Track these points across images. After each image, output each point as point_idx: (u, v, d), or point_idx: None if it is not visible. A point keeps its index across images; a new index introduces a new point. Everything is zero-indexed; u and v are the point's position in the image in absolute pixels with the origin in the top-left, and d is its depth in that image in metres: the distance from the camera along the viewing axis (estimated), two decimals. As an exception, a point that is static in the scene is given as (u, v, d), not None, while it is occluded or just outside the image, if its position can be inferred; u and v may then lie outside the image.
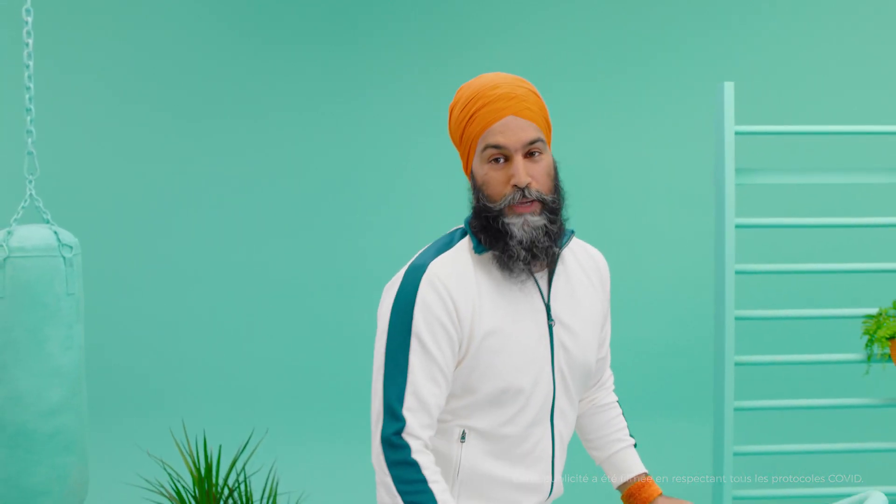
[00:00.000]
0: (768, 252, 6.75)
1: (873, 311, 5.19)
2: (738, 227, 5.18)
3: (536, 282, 2.87)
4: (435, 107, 7.10)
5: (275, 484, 5.12)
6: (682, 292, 7.12)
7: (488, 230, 2.81)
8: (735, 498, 5.24)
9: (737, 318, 5.20)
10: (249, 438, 5.34)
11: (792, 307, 6.26)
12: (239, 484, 4.96)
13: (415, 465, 2.66)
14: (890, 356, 5.11)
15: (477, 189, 2.83)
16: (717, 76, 6.64)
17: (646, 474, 3.13)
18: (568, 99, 7.22)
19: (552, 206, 2.82)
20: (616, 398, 3.23)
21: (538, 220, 2.78)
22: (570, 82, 7.26)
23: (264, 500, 4.95)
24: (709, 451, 6.78)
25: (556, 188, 2.86)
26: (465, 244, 2.85)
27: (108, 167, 7.27)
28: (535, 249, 2.78)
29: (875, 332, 5.10)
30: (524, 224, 2.77)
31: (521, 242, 2.77)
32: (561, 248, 2.89)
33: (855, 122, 6.80)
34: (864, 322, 5.20)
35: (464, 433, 2.81)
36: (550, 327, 2.87)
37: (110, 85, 7.29)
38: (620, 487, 3.17)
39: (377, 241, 7.20)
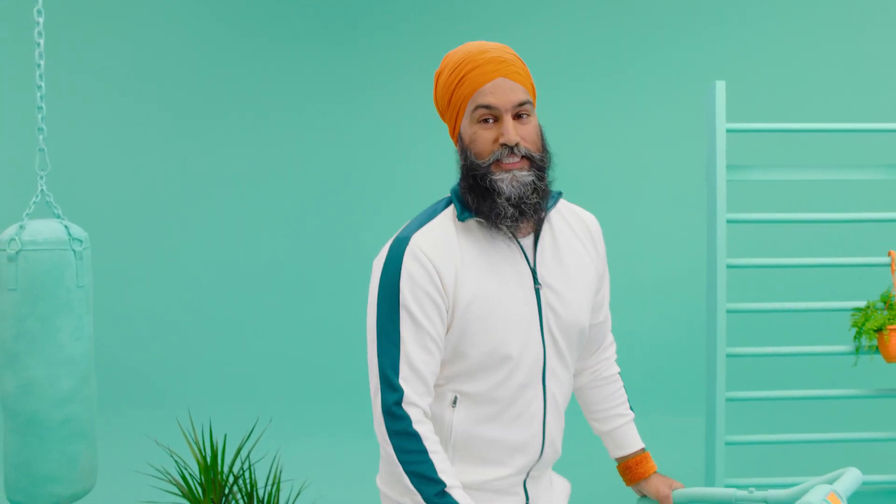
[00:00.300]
0: (759, 247, 6.77)
1: (861, 304, 5.20)
2: (729, 222, 5.16)
3: (521, 246, 2.84)
4: (432, 106, 7.17)
5: (278, 472, 4.94)
6: (675, 286, 7.13)
7: (476, 189, 2.78)
8: (727, 486, 5.17)
9: (728, 311, 5.18)
10: (253, 428, 5.24)
11: (782, 300, 6.35)
12: (243, 471, 4.86)
13: (415, 436, 2.68)
14: (877, 348, 5.11)
15: (465, 149, 2.81)
16: (709, 76, 6.68)
17: (643, 450, 3.14)
18: (564, 98, 7.26)
19: (540, 164, 2.79)
20: (618, 369, 3.20)
21: (526, 175, 2.76)
22: (566, 82, 7.28)
23: (268, 488, 4.91)
24: (701, 442, 6.87)
25: (544, 148, 2.84)
26: (449, 213, 2.83)
27: (116, 164, 7.28)
28: (523, 206, 2.76)
29: (863, 324, 5.10)
30: (512, 179, 2.75)
31: (509, 199, 2.74)
32: (547, 210, 2.87)
33: (843, 120, 6.80)
34: (852, 315, 5.20)
35: (456, 398, 2.80)
36: (537, 290, 2.85)
37: (118, 85, 7.30)
38: (618, 460, 3.18)
39: (378, 237, 7.19)
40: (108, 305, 6.66)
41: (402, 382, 2.66)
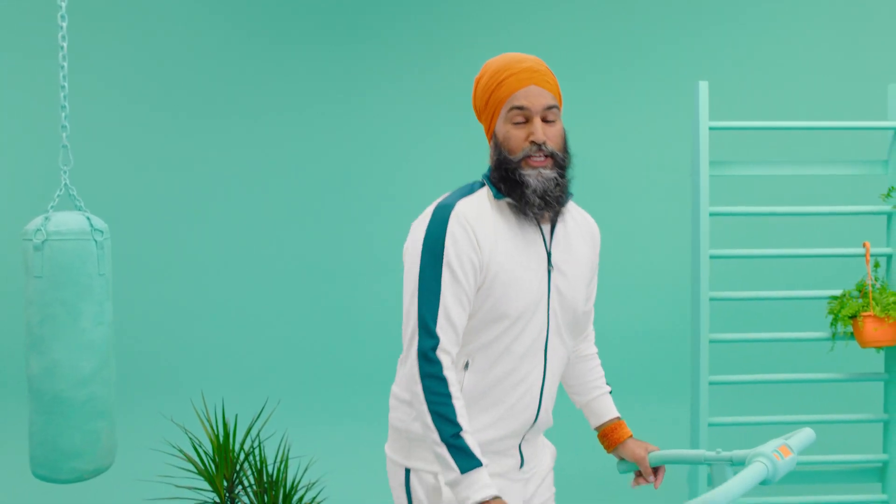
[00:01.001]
0: (740, 238, 6.78)
1: (837, 292, 5.19)
2: (711, 214, 5.19)
3: (541, 231, 3.06)
4: (432, 105, 7.24)
5: (286, 450, 5.05)
6: (661, 275, 7.12)
7: (507, 181, 3.02)
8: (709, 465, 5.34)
9: (711, 299, 5.21)
10: (262, 409, 5.33)
11: (762, 289, 6.39)
12: (254, 449, 4.94)
13: (444, 381, 2.86)
14: (852, 334, 5.13)
15: (498, 146, 3.05)
16: (693, 76, 6.70)
17: (618, 418, 3.31)
18: (565, 103, 7.34)
19: (562, 163, 3.04)
20: (596, 350, 3.42)
21: (550, 172, 3.00)
22: (560, 83, 7.34)
23: (277, 464, 4.97)
24: (686, 424, 6.83)
25: (566, 149, 3.09)
26: (485, 191, 3.05)
27: (134, 160, 7.30)
28: (547, 197, 3.00)
29: (839, 311, 5.10)
30: (538, 175, 2.99)
31: (535, 191, 2.98)
32: (564, 203, 3.10)
33: (820, 119, 6.82)
34: (828, 303, 5.20)
35: (468, 363, 2.98)
36: (549, 271, 3.06)
37: (136, 88, 7.32)
38: (597, 428, 3.35)
39: (380, 231, 7.22)
40: (127, 293, 6.71)
41: (438, 331, 2.86)
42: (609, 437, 3.33)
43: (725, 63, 7.18)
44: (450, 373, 2.88)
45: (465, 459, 2.83)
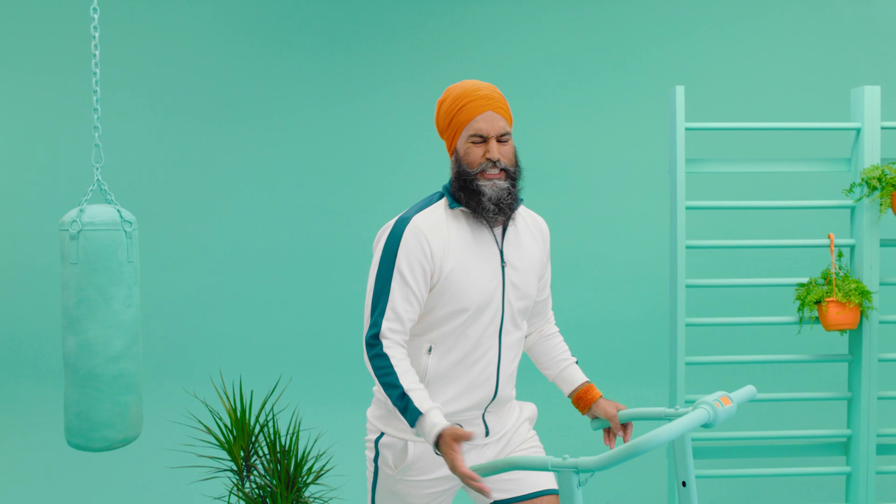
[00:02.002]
0: (714, 230, 6.79)
1: (804, 280, 5.25)
2: (688, 208, 5.25)
3: (494, 234, 3.35)
4: (426, 109, 7.19)
5: (298, 422, 5.10)
6: (641, 266, 7.14)
7: (465, 190, 3.31)
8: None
9: (687, 286, 5.26)
10: (276, 385, 5.29)
11: (735, 277, 6.42)
12: (268, 422, 4.95)
13: (385, 357, 3.14)
14: (818, 318, 5.18)
15: (459, 160, 3.33)
16: (670, 81, 6.74)
17: (588, 382, 3.54)
18: (544, 103, 7.29)
19: (513, 176, 3.34)
20: (557, 329, 3.68)
21: (503, 183, 3.30)
22: (546, 88, 7.30)
23: (289, 435, 4.94)
24: (665, 403, 6.79)
25: (516, 164, 3.37)
26: (442, 203, 3.34)
27: (159, 158, 7.34)
28: (501, 204, 3.30)
29: (805, 297, 5.15)
30: (493, 186, 3.29)
31: (490, 199, 3.28)
32: (515, 209, 3.38)
33: (788, 120, 6.81)
34: (796, 289, 5.25)
35: (430, 347, 3.27)
36: (503, 268, 3.34)
37: (161, 96, 7.36)
38: (570, 395, 3.57)
39: (378, 223, 7.17)
40: (152, 279, 6.77)
41: (384, 322, 3.14)
42: (582, 399, 3.54)
43: (701, 69, 7.18)
44: (391, 350, 3.16)
45: (411, 414, 3.08)
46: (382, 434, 3.38)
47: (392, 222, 3.31)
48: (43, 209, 7.14)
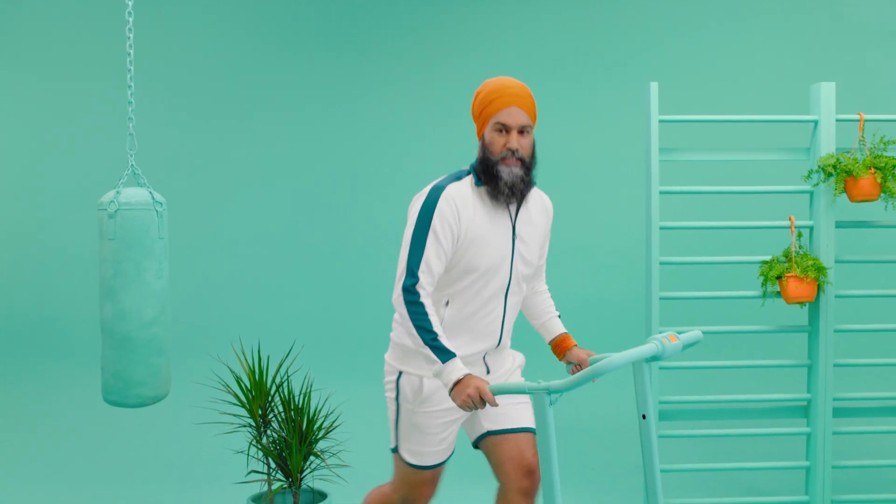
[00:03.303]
0: (686, 212, 6.78)
1: (767, 257, 5.33)
2: (661, 193, 5.32)
3: (509, 210, 3.61)
4: (429, 106, 7.29)
5: (310, 383, 5.26)
6: (620, 245, 7.16)
7: (486, 173, 3.57)
8: (661, 402, 5.36)
9: (661, 263, 5.34)
10: (290, 350, 5.40)
11: (704, 255, 6.42)
12: (283, 383, 5.09)
13: (422, 304, 3.39)
14: (779, 292, 5.27)
15: (484, 147, 3.58)
16: (646, 77, 6.70)
17: (565, 333, 3.88)
18: (538, 100, 7.22)
19: (528, 166, 3.59)
20: (546, 287, 3.97)
21: (518, 171, 3.55)
22: (536, 86, 7.03)
23: (302, 395, 5.07)
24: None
25: (533, 155, 3.61)
26: (469, 179, 3.59)
27: (187, 147, 7.37)
28: (514, 189, 3.55)
29: (768, 273, 5.25)
30: (510, 172, 3.54)
31: (506, 183, 3.54)
32: (527, 193, 3.63)
33: (754, 113, 6.85)
34: (760, 266, 5.34)
35: (447, 301, 3.54)
36: (514, 240, 3.59)
37: (189, 93, 7.39)
38: (549, 342, 3.91)
39: (387, 214, 7.22)
40: (180, 255, 6.84)
41: (420, 273, 3.39)
42: (559, 346, 3.89)
43: (675, 67, 7.20)
44: (426, 300, 3.40)
45: (443, 354, 3.37)
46: (401, 373, 3.66)
47: (427, 190, 3.58)
48: (82, 192, 7.18)
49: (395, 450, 3.80)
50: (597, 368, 3.12)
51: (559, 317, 3.98)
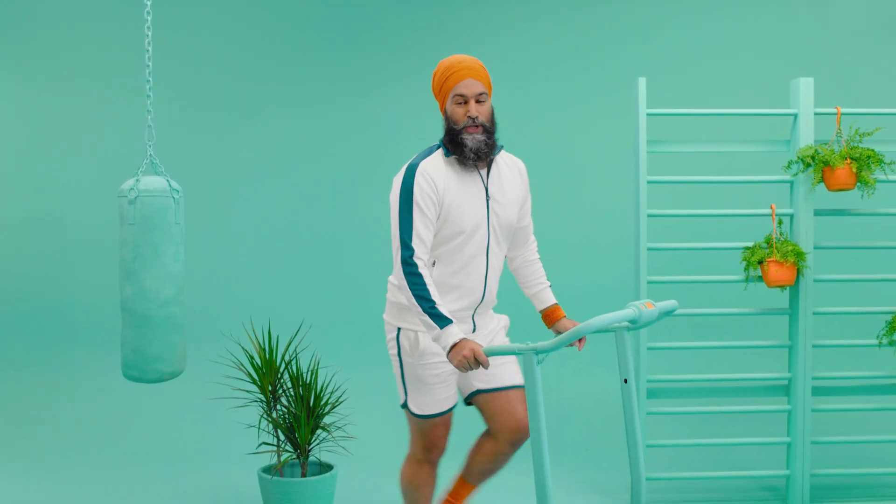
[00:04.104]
0: (673, 201, 6.82)
1: (749, 244, 5.38)
2: (649, 182, 5.38)
3: (480, 174, 3.77)
4: (425, 103, 7.01)
5: (317, 361, 5.34)
6: (610, 231, 7.16)
7: (453, 143, 3.74)
8: (650, 381, 5.42)
9: (649, 249, 5.41)
10: (298, 330, 5.49)
11: (689, 241, 6.39)
12: (292, 360, 5.17)
13: (420, 275, 3.53)
14: (761, 276, 5.31)
15: (447, 119, 3.77)
16: (634, 73, 6.73)
17: (555, 304, 4.00)
18: (529, 96, 7.32)
19: (489, 130, 3.76)
20: (538, 256, 4.08)
21: (480, 136, 3.72)
22: (533, 82, 7.34)
23: (309, 371, 5.16)
24: (632, 353, 7.11)
25: (492, 121, 3.79)
26: (439, 152, 3.76)
27: (201, 139, 7.38)
28: (479, 153, 3.72)
29: (750, 258, 5.29)
30: (473, 140, 3.71)
31: (471, 149, 3.71)
32: (494, 155, 3.80)
33: (738, 106, 6.77)
34: (742, 252, 5.37)
35: (434, 262, 3.68)
36: (487, 200, 3.74)
37: (204, 88, 7.41)
38: (540, 311, 4.03)
39: (387, 206, 7.23)
40: (195, 239, 6.88)
41: (413, 245, 3.51)
42: (549, 316, 4.00)
43: (662, 63, 7.20)
44: (423, 270, 3.54)
45: (441, 321, 3.50)
46: (399, 330, 3.81)
47: (403, 170, 3.75)
48: (104, 180, 7.18)
49: (405, 405, 3.95)
50: (580, 329, 3.28)
51: (550, 286, 4.09)
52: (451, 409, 3.95)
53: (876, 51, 7.24)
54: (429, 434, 3.96)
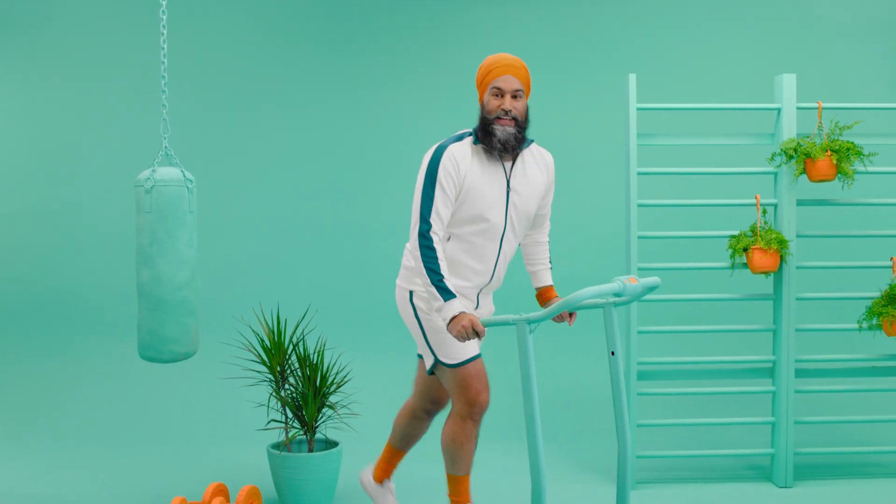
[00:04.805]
0: (661, 191, 6.81)
1: (735, 232, 5.41)
2: (639, 174, 5.40)
3: (504, 166, 3.86)
4: (430, 98, 7.28)
5: (323, 342, 5.40)
6: (602, 221, 7.15)
7: (484, 131, 3.84)
8: (640, 363, 5.44)
9: (639, 238, 5.42)
10: (305, 313, 5.52)
11: (678, 230, 6.40)
12: (299, 341, 5.18)
13: (434, 249, 3.65)
14: (746, 263, 5.33)
15: (483, 108, 3.86)
16: (625, 70, 6.73)
17: (551, 285, 4.13)
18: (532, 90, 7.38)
19: (521, 125, 3.85)
20: (547, 239, 4.20)
21: (511, 130, 3.81)
22: (531, 79, 7.35)
23: (316, 352, 5.19)
24: (622, 333, 7.11)
25: (526, 117, 3.87)
26: (469, 139, 3.85)
27: (214, 132, 7.36)
28: (507, 145, 3.81)
29: (735, 246, 5.32)
30: (503, 131, 3.80)
31: (499, 140, 3.81)
32: (521, 150, 3.89)
33: (725, 101, 6.88)
34: (728, 240, 5.40)
35: (449, 237, 3.79)
36: (508, 192, 3.82)
37: (216, 84, 7.40)
38: (536, 289, 4.15)
39: (391, 198, 7.21)
40: (207, 227, 6.89)
41: (431, 220, 3.63)
42: (543, 295, 4.13)
43: (652, 60, 7.20)
44: (437, 244, 3.65)
45: (446, 294, 3.62)
46: (412, 293, 3.95)
47: (433, 149, 3.86)
48: (122, 171, 7.19)
49: (437, 362, 4.00)
50: (568, 299, 3.43)
51: (551, 269, 4.21)
52: (479, 356, 4.01)
53: (856, 48, 7.23)
54: (468, 387, 3.96)
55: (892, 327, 5.29)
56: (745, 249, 5.29)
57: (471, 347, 3.95)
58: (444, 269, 3.70)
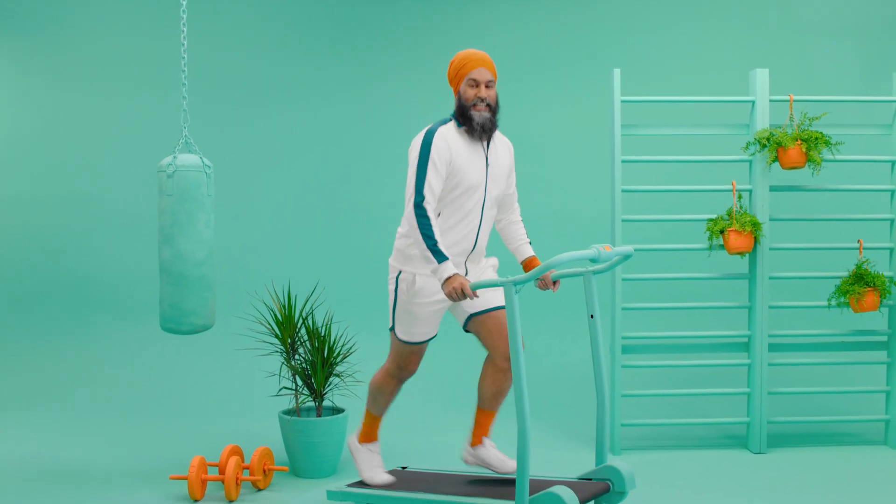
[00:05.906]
0: (645, 178, 6.77)
1: (713, 216, 5.39)
2: (623, 162, 5.39)
3: (483, 146, 4.05)
4: (430, 95, 7.24)
5: (330, 316, 5.36)
6: (588, 206, 7.10)
7: (464, 117, 4.05)
8: (624, 338, 5.41)
9: (623, 221, 5.42)
10: (314, 289, 5.43)
11: (659, 213, 6.37)
12: (308, 315, 5.15)
13: (428, 218, 3.81)
14: (722, 244, 5.32)
15: (460, 97, 4.05)
16: (610, 65, 6.75)
17: (533, 255, 4.26)
18: (520, 86, 7.27)
19: (494, 110, 4.07)
20: (521, 219, 4.35)
21: (486, 114, 4.04)
22: (520, 73, 7.29)
23: (324, 325, 5.15)
24: (606, 308, 6.81)
25: (497, 103, 4.09)
26: (452, 123, 4.04)
27: (230, 122, 7.33)
28: (484, 128, 4.03)
29: (713, 228, 5.31)
30: (480, 116, 4.03)
31: (478, 124, 4.03)
32: (493, 133, 4.09)
33: (703, 94, 6.85)
34: (706, 223, 5.39)
35: (439, 213, 3.95)
36: (487, 167, 4.01)
37: (232, 78, 7.36)
38: (521, 262, 4.28)
39: (394, 187, 7.13)
40: (224, 209, 6.88)
41: (425, 192, 3.80)
42: (528, 265, 4.25)
43: (636, 55, 7.18)
44: (430, 214, 3.81)
45: (440, 256, 3.78)
46: (400, 272, 4.08)
47: (423, 133, 4.02)
48: (145, 157, 7.15)
49: (392, 329, 4.24)
50: (549, 262, 3.62)
51: (530, 243, 4.35)
52: (427, 341, 4.24)
53: (827, 44, 7.21)
54: (405, 357, 4.27)
55: (858, 304, 5.29)
56: (722, 232, 5.30)
57: (425, 335, 4.20)
58: (437, 235, 3.86)
